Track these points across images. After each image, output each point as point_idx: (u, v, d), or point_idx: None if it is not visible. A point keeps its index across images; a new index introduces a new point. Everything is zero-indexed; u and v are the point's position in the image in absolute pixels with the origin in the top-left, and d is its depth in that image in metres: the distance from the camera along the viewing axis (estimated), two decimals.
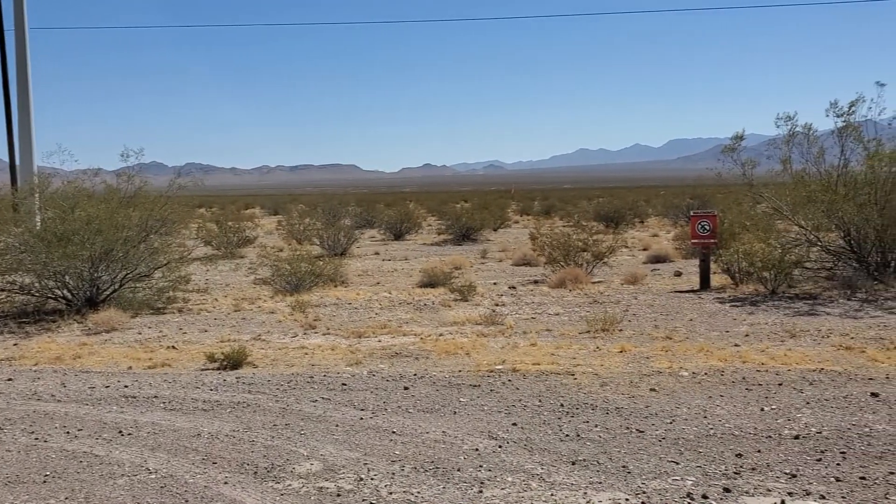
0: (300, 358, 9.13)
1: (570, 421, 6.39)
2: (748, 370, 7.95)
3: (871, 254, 14.06)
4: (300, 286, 14.85)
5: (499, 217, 37.68)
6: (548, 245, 17.20)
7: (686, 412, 6.56)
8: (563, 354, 8.92)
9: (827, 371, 7.85)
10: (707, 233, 14.51)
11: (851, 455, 5.42)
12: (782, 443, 5.73)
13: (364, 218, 38.98)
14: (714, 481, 5.01)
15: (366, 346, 9.74)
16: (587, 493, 4.87)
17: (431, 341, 9.90)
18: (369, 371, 8.31)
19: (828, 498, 4.70)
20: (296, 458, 5.62)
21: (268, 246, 23.35)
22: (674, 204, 40.57)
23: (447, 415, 6.64)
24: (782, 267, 13.43)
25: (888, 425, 6.05)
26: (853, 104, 14.43)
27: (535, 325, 10.96)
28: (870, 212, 13.69)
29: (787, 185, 15.18)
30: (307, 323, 11.43)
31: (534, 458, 5.51)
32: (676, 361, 8.41)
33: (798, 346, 9.19)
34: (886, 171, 13.99)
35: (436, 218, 40.94)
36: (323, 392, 7.46)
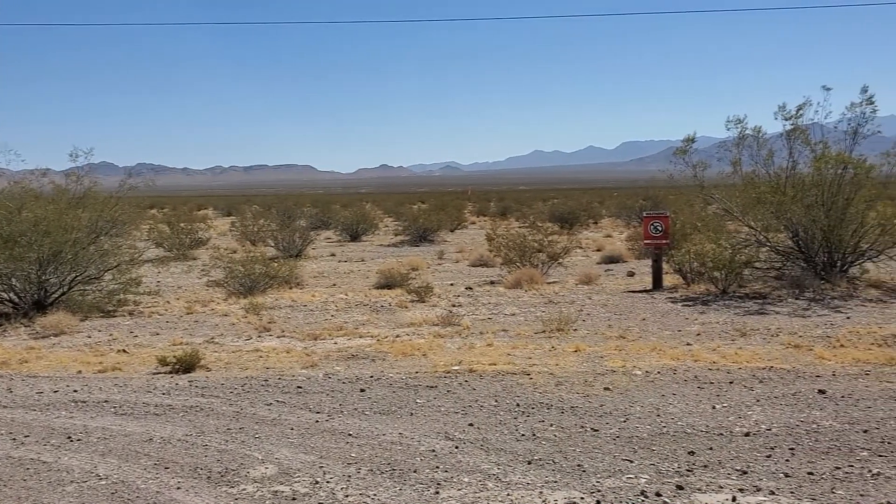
0: (254, 361, 9.03)
1: (525, 421, 6.43)
2: (700, 369, 8.09)
3: (818, 254, 14.40)
4: (254, 288, 14.70)
5: (455, 218, 37.78)
6: (504, 246, 17.30)
7: (639, 411, 6.65)
8: (519, 354, 8.97)
9: (776, 369, 8.02)
10: (659, 233, 14.73)
11: (800, 451, 5.55)
12: (733, 440, 5.84)
13: (319, 219, 38.75)
14: (667, 479, 5.08)
15: (321, 349, 9.67)
16: (543, 492, 4.90)
17: (388, 343, 9.88)
18: (325, 373, 8.26)
19: (777, 493, 4.80)
20: (250, 461, 5.56)
21: (221, 247, 23.03)
22: (627, 205, 41.11)
23: (404, 416, 6.63)
24: (733, 267, 13.69)
25: (834, 421, 6.20)
26: (801, 108, 14.78)
27: (491, 326, 11.00)
28: (817, 213, 14.03)
29: (738, 187, 15.48)
30: (261, 325, 11.31)
31: (490, 458, 5.53)
32: (630, 360, 8.51)
33: (748, 345, 9.38)
34: (832, 174, 14.34)
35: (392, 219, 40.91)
36: (278, 395, 7.39)
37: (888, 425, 6.05)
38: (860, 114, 14.62)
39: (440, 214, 34.37)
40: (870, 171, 14.31)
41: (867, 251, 14.41)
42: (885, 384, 7.30)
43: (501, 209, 51.22)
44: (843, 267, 14.31)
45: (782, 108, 14.95)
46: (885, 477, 5.01)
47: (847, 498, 4.70)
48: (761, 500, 4.68)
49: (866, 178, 14.20)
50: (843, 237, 14.14)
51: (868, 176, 14.25)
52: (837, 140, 14.81)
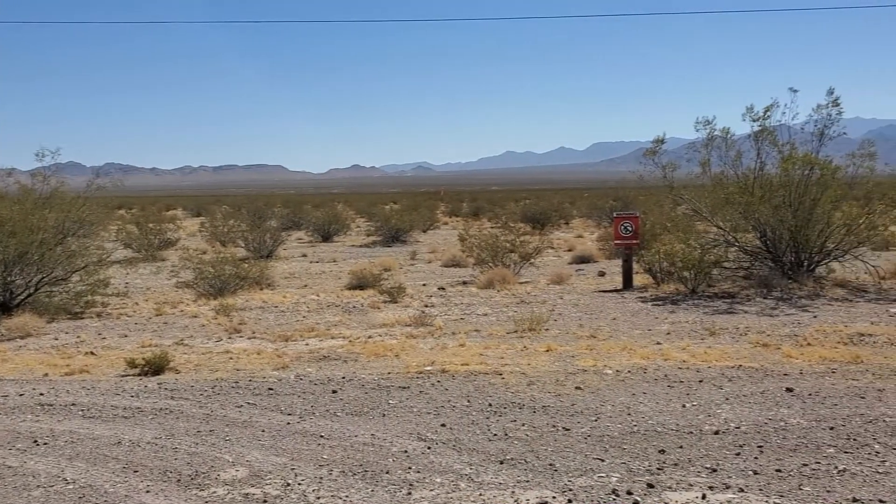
0: (225, 363, 8.95)
1: (498, 420, 6.44)
2: (670, 368, 8.16)
3: (785, 254, 14.60)
4: (224, 289, 14.57)
5: (428, 218, 37.76)
6: (476, 246, 17.33)
7: (610, 410, 6.69)
8: (491, 354, 8.98)
9: (745, 367, 8.12)
10: (629, 234, 14.84)
11: (768, 449, 5.62)
12: (703, 438, 5.90)
13: (291, 219, 38.52)
14: (638, 477, 5.12)
15: (293, 350, 9.62)
16: (515, 491, 4.92)
17: (360, 344, 9.85)
18: (296, 375, 8.21)
19: (746, 491, 4.86)
20: (221, 464, 5.51)
21: (190, 248, 22.82)
22: (597, 206, 41.37)
23: (376, 417, 6.62)
24: (702, 267, 13.84)
25: (802, 419, 6.29)
26: (768, 109, 14.98)
27: (463, 326, 11.01)
28: (784, 213, 14.22)
29: (706, 188, 15.65)
30: (232, 327, 11.22)
31: (462, 459, 5.53)
32: (601, 360, 8.57)
33: (717, 344, 9.48)
34: (800, 174, 14.55)
35: (365, 219, 40.78)
36: (248, 397, 7.33)
37: (854, 422, 6.16)
38: (826, 116, 14.87)
39: (413, 215, 34.34)
40: (836, 172, 14.55)
41: (833, 251, 14.64)
42: (850, 382, 7.43)
43: (474, 209, 51.29)
44: (809, 267, 14.53)
45: (750, 109, 15.15)
46: (850, 473, 5.09)
47: (814, 494, 4.77)
48: (731, 498, 4.74)
49: (832, 179, 14.43)
50: (810, 237, 14.36)
51: (834, 177, 14.48)
52: (804, 141, 15.04)
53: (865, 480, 4.96)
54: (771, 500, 4.69)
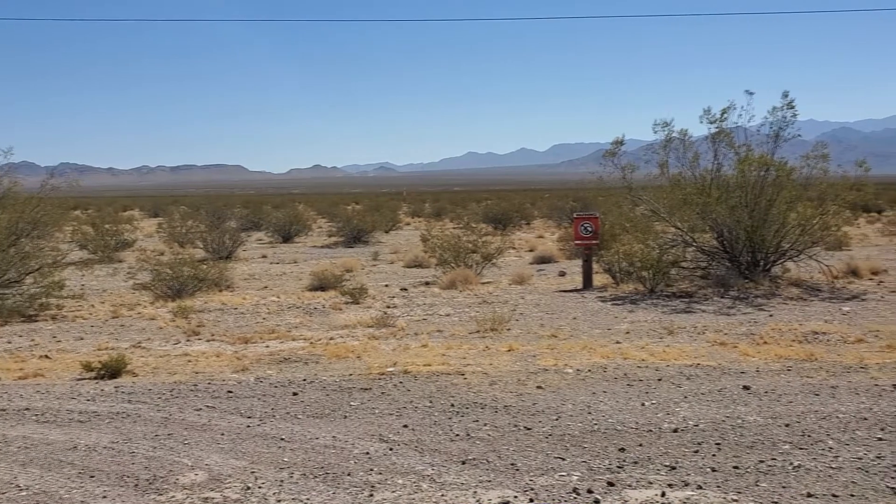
0: (183, 365, 8.83)
1: (460, 421, 6.45)
2: (629, 366, 8.25)
3: (742, 253, 14.85)
4: (182, 291, 14.38)
5: (390, 219, 37.70)
6: (439, 247, 17.34)
7: (571, 408, 6.74)
8: (453, 355, 8.99)
9: (703, 366, 8.23)
10: (589, 234, 14.97)
11: (726, 446, 5.70)
12: (662, 436, 5.97)
13: (250, 220, 38.17)
14: (599, 476, 5.17)
15: (253, 352, 9.52)
16: (477, 492, 4.93)
17: (321, 345, 9.79)
18: (256, 377, 8.13)
19: (705, 488, 4.92)
20: (179, 468, 5.43)
21: (148, 249, 22.49)
22: (558, 206, 41.67)
23: (337, 419, 6.58)
24: (660, 267, 14.02)
25: (758, 416, 6.40)
26: (725, 111, 15.23)
27: (426, 327, 11.01)
28: (741, 214, 14.47)
29: (665, 189, 15.85)
30: (190, 329, 11.08)
31: (424, 460, 5.52)
32: (562, 359, 8.63)
33: (676, 343, 9.61)
34: (755, 176, 14.81)
35: (326, 220, 40.57)
36: (208, 400, 7.24)
37: (808, 419, 6.28)
38: (781, 118, 15.17)
39: (375, 215, 34.25)
40: (791, 174, 14.84)
41: (788, 251, 14.94)
42: (805, 379, 7.58)
43: (436, 210, 51.34)
44: (765, 266, 14.79)
45: (707, 111, 15.39)
46: (805, 469, 5.19)
47: (770, 490, 4.85)
48: (689, 495, 4.80)
49: (787, 180, 14.72)
50: (766, 237, 14.63)
51: (789, 178, 14.77)
52: (760, 143, 15.31)
53: (819, 476, 5.07)
54: (729, 497, 4.76)
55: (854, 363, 8.23)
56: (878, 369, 7.90)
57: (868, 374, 7.69)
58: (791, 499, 4.71)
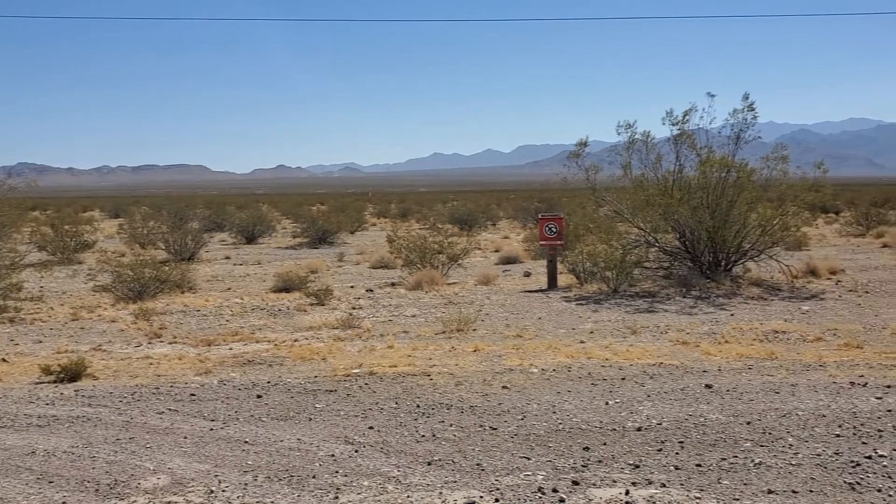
0: (145, 368, 8.70)
1: (426, 422, 6.44)
2: (594, 366, 8.31)
3: (703, 254, 15.05)
4: (144, 293, 14.17)
5: (356, 220, 37.53)
6: (405, 248, 17.30)
7: (536, 408, 6.77)
8: (419, 356, 8.98)
9: (665, 365, 8.33)
10: (554, 235, 15.06)
11: (688, 444, 5.77)
12: (626, 435, 6.02)
13: (213, 221, 37.74)
14: (563, 475, 5.19)
15: (216, 355, 9.41)
16: (442, 492, 4.92)
17: (286, 347, 9.71)
18: (220, 380, 8.04)
19: (668, 486, 4.98)
20: (141, 472, 5.35)
21: (108, 251, 22.12)
22: (523, 207, 41.83)
23: (302, 422, 6.53)
24: (623, 267, 14.15)
25: (720, 415, 6.49)
26: (687, 113, 15.43)
27: (392, 328, 10.98)
28: (702, 214, 14.66)
29: (628, 190, 16.02)
30: (152, 332, 10.92)
31: (390, 461, 5.51)
32: (527, 359, 8.66)
33: (639, 342, 9.71)
34: (717, 177, 15.03)
35: (291, 221, 40.27)
36: (170, 403, 7.14)
37: (769, 417, 6.38)
38: (742, 120, 15.41)
39: (340, 216, 34.08)
40: (751, 175, 15.09)
41: (749, 251, 15.18)
42: (766, 378, 7.70)
43: (402, 211, 51.25)
44: (726, 266, 15.01)
45: (670, 113, 15.58)
46: (766, 466, 5.27)
47: (732, 487, 4.92)
48: (653, 493, 4.84)
49: (748, 182, 14.96)
50: (727, 238, 14.84)
51: (749, 179, 15.01)
52: (721, 145, 15.53)
53: (780, 473, 5.15)
54: (692, 495, 4.82)
55: (813, 361, 8.38)
56: (836, 367, 8.05)
57: (826, 372, 7.84)
58: (752, 496, 4.78)
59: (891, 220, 33.02)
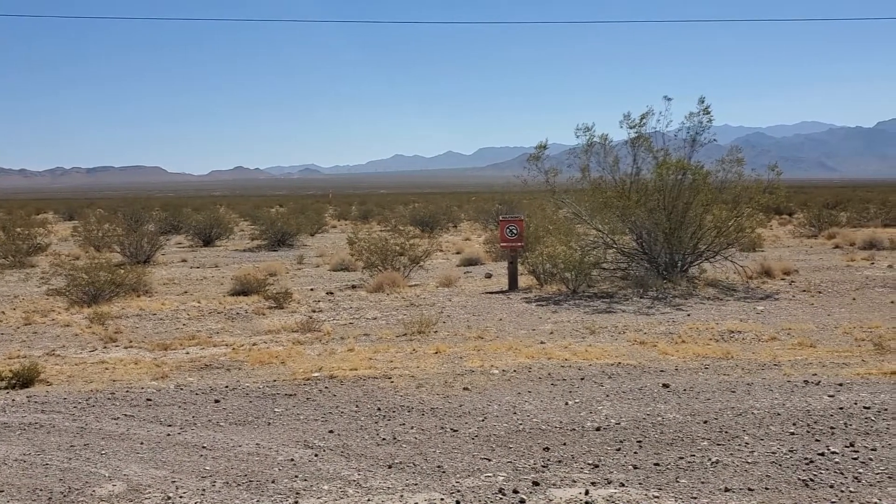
0: (100, 373, 8.54)
1: (386, 424, 6.42)
2: (553, 366, 8.36)
3: (660, 255, 15.25)
4: (99, 297, 13.91)
5: (316, 222, 37.27)
6: (366, 250, 17.23)
7: (497, 409, 6.79)
8: (380, 358, 8.95)
9: (624, 365, 8.41)
10: (515, 236, 15.14)
11: (647, 443, 5.84)
12: (585, 435, 6.07)
13: (170, 223, 37.19)
14: (524, 475, 5.22)
15: (173, 359, 9.28)
16: (403, 495, 4.91)
17: (244, 351, 9.61)
18: (177, 385, 7.92)
19: (627, 485, 5.02)
20: (96, 479, 5.25)
21: (62, 254, 21.69)
22: (484, 209, 41.93)
23: (261, 426, 6.47)
24: (582, 268, 14.27)
25: (678, 414, 6.57)
26: (644, 117, 15.63)
27: (352, 331, 10.93)
28: (659, 216, 14.85)
29: (586, 192, 16.16)
30: (107, 336, 10.72)
31: (350, 465, 5.48)
32: (488, 360, 8.69)
33: (598, 342, 9.79)
34: (673, 179, 15.24)
35: (249, 223, 39.86)
36: (126, 408, 7.02)
37: (725, 416, 6.48)
38: (698, 123, 15.66)
39: (300, 218, 33.82)
40: (707, 177, 15.33)
41: (705, 252, 15.42)
42: (722, 377, 7.82)
43: (363, 213, 51.04)
44: (683, 267, 15.23)
45: (627, 116, 15.76)
46: (722, 464, 5.35)
47: (690, 486, 4.98)
48: (612, 493, 4.89)
49: (703, 184, 15.19)
50: (683, 239, 15.06)
51: (705, 181, 15.25)
52: (677, 147, 15.77)
53: (736, 471, 5.23)
54: (650, 494, 4.87)
55: (768, 360, 8.54)
56: (790, 366, 8.21)
57: (781, 371, 7.99)
58: (710, 494, 4.85)
59: (842, 221, 33.83)
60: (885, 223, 33.83)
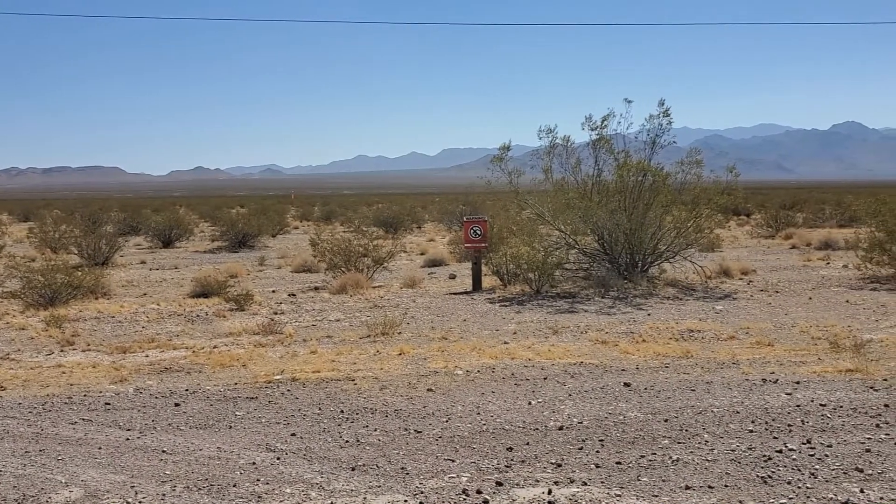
0: (57, 377, 8.37)
1: (350, 427, 6.39)
2: (517, 366, 8.40)
3: (621, 255, 15.40)
4: (56, 299, 13.64)
5: (278, 223, 36.97)
6: (328, 251, 17.11)
7: (461, 410, 6.80)
8: (343, 360, 8.90)
9: (586, 364, 8.48)
10: (479, 237, 15.18)
11: (609, 442, 5.89)
12: (548, 434, 6.10)
13: (129, 224, 36.66)
14: (487, 476, 5.23)
15: (132, 362, 9.13)
16: (366, 497, 4.89)
17: (205, 354, 9.49)
18: (136, 388, 7.80)
19: (589, 484, 5.06)
20: (52, 486, 5.14)
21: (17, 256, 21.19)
22: (448, 210, 41.96)
23: (222, 430, 6.39)
24: (545, 268, 14.35)
25: (639, 412, 6.64)
26: (605, 119, 15.78)
27: (315, 333, 10.86)
28: (620, 217, 15.00)
29: (549, 193, 16.27)
30: (64, 339, 10.51)
31: (313, 468, 5.44)
32: (452, 361, 8.69)
33: (560, 342, 9.86)
34: (634, 181, 15.41)
35: (209, 224, 39.41)
36: (83, 413, 6.90)
37: (685, 414, 6.56)
38: (658, 125, 15.86)
39: (261, 219, 33.50)
40: (666, 179, 15.52)
41: (665, 252, 15.61)
42: (682, 376, 7.92)
43: (326, 214, 50.76)
44: (643, 267, 15.40)
45: (589, 118, 15.90)
46: (683, 462, 5.42)
47: (651, 484, 5.04)
48: (575, 492, 4.92)
49: (663, 185, 15.39)
50: (644, 240, 15.23)
51: (665, 183, 15.45)
52: (638, 149, 15.95)
53: (696, 468, 5.30)
54: (612, 492, 4.91)
55: (727, 359, 8.67)
56: (748, 364, 8.34)
57: (740, 370, 8.12)
58: (671, 492, 4.91)
59: (799, 222, 34.50)
60: (840, 224, 34.57)
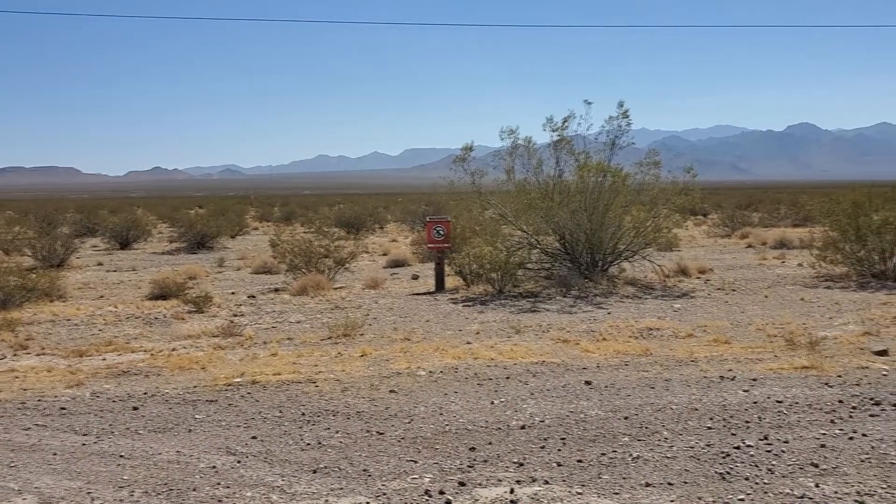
0: (9, 382, 8.18)
1: (311, 429, 6.35)
2: (479, 366, 8.41)
3: (582, 255, 15.54)
4: (8, 302, 13.33)
5: (237, 224, 36.60)
6: (289, 252, 16.97)
7: (423, 411, 6.79)
8: (304, 362, 8.84)
9: (548, 363, 8.53)
10: (441, 237, 15.19)
11: (570, 440, 5.92)
12: (510, 433, 6.12)
13: (85, 225, 36.01)
14: (450, 476, 5.23)
15: (88, 366, 8.95)
16: (328, 500, 4.86)
17: (163, 357, 9.35)
18: (92, 392, 7.66)
19: (551, 482, 5.09)
20: (5, 493, 5.02)
21: None
22: (411, 210, 41.93)
23: (182, 433, 6.30)
24: (508, 268, 14.42)
25: (600, 410, 6.70)
26: (566, 120, 15.91)
27: (276, 335, 10.76)
28: (580, 217, 15.14)
29: (511, 193, 16.36)
30: (18, 343, 10.28)
31: (274, 471, 5.39)
32: (414, 362, 8.68)
33: (523, 342, 9.90)
34: (594, 181, 15.56)
35: (167, 225, 38.88)
36: (37, 418, 6.75)
37: (645, 411, 6.63)
38: (617, 126, 16.03)
39: (220, 220, 33.14)
40: (626, 179, 15.71)
41: (624, 252, 15.79)
42: (641, 373, 8.01)
43: (286, 214, 50.38)
44: (603, 266, 15.55)
45: (550, 120, 16.03)
46: (643, 460, 5.47)
47: (612, 482, 5.08)
48: (537, 490, 4.95)
49: (623, 186, 15.56)
50: (604, 239, 15.39)
51: (624, 183, 15.62)
52: (598, 150, 16.10)
53: (656, 465, 5.36)
54: (574, 490, 4.95)
55: (685, 357, 8.79)
56: (706, 362, 8.47)
57: (698, 367, 8.23)
58: (631, 489, 4.96)
59: (754, 222, 35.12)
60: (795, 223, 35.29)
